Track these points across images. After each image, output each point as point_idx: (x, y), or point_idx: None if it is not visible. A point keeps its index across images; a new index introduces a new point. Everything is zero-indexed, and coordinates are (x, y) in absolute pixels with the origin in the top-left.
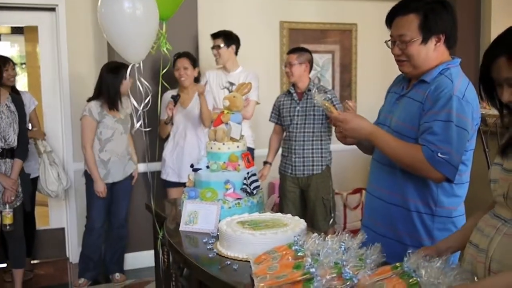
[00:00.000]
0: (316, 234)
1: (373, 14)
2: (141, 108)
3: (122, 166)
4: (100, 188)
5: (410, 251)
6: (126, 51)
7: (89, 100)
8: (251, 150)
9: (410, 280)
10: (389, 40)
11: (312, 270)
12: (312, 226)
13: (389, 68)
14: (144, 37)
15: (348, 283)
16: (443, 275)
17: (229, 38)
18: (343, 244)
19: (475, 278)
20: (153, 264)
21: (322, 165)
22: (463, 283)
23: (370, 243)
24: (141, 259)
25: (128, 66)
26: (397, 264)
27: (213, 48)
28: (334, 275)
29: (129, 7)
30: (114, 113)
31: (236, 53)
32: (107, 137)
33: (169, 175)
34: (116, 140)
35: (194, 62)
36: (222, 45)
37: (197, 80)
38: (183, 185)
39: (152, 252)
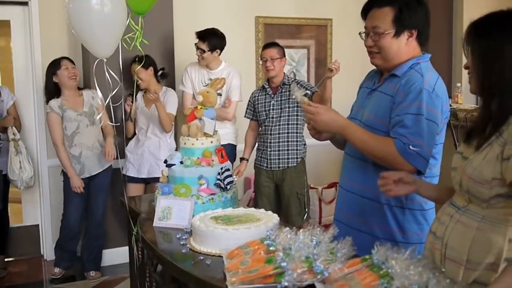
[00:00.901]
0: (288, 228)
1: (348, 9)
2: (106, 101)
3: (96, 159)
4: (77, 183)
5: (378, 243)
6: (93, 47)
7: (47, 99)
8: (233, 147)
9: (381, 272)
10: (363, 32)
11: (284, 264)
12: (287, 221)
13: (364, 63)
14: (112, 33)
15: (319, 277)
16: (413, 266)
17: (214, 43)
18: (314, 238)
19: (441, 268)
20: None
21: (297, 158)
22: None
23: (342, 237)
24: (118, 256)
25: (62, 59)
26: (366, 257)
27: (196, 48)
28: (305, 269)
29: (97, 3)
30: (75, 106)
31: (220, 54)
32: (73, 131)
33: (128, 170)
34: (83, 133)
35: (146, 64)
36: (206, 49)
37: (163, 76)
38: (141, 180)
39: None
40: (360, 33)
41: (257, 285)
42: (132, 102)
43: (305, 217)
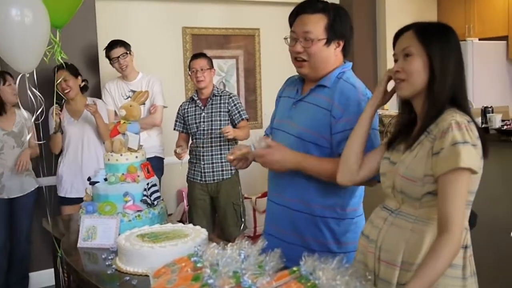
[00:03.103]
0: (215, 244)
1: (275, 18)
2: (32, 119)
3: (18, 182)
4: None
5: (305, 254)
6: (15, 61)
7: None
8: (160, 160)
9: (309, 284)
10: (288, 37)
11: (210, 281)
12: (223, 233)
13: (293, 71)
14: (34, 46)
15: None
16: (339, 275)
17: (127, 44)
18: (242, 252)
19: (367, 273)
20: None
21: (231, 169)
22: None
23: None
24: (45, 278)
25: (5, 73)
26: (294, 269)
27: (116, 58)
28: (233, 284)
29: (17, 14)
30: (3, 124)
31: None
32: None
33: (67, 192)
34: (7, 154)
35: (75, 72)
36: (127, 52)
37: (85, 88)
38: (79, 200)
39: None
40: (285, 38)
41: None
42: (61, 111)
43: (242, 227)
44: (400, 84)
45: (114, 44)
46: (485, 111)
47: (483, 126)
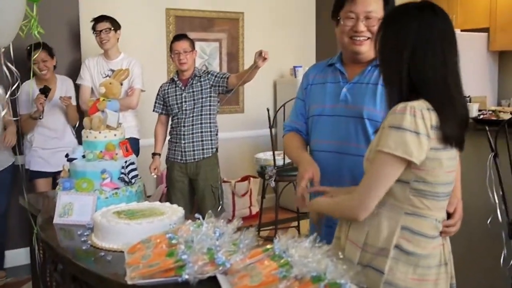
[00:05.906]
0: (190, 221)
1: (259, 3)
2: (7, 95)
3: None
4: None
5: (279, 233)
6: None
7: None
8: (136, 141)
9: (282, 261)
10: (350, 17)
11: (184, 257)
12: (201, 215)
13: (275, 56)
14: (10, 18)
15: (220, 268)
16: (312, 253)
17: (115, 22)
18: (217, 230)
19: (339, 253)
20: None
21: (212, 148)
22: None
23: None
24: (20, 257)
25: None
26: (268, 247)
27: (99, 31)
28: (207, 261)
29: None
30: None
31: (118, 39)
32: None
33: (36, 165)
34: None
35: (52, 52)
36: (112, 28)
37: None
38: (50, 174)
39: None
40: (339, 18)
41: (158, 279)
42: (45, 99)
43: (219, 209)
44: None
45: (102, 18)
46: None
47: None
